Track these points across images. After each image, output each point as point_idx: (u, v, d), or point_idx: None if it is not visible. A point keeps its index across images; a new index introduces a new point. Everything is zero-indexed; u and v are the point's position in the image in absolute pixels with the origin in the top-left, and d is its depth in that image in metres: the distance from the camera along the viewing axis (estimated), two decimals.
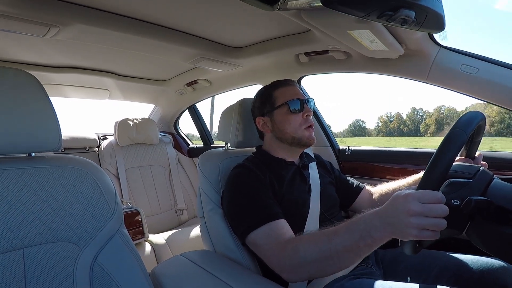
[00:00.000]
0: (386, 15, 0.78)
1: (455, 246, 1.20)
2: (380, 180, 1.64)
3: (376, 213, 0.70)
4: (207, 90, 2.32)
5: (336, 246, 0.73)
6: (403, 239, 0.65)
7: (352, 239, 0.71)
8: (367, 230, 0.69)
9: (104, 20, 1.18)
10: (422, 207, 0.61)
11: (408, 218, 0.61)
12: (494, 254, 0.72)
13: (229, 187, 1.05)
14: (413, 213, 0.61)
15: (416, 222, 0.60)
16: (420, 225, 0.60)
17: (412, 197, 0.62)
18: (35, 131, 0.71)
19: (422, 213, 0.60)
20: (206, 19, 1.27)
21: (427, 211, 0.60)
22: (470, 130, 0.72)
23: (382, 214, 0.68)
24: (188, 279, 0.91)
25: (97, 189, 0.78)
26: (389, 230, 0.65)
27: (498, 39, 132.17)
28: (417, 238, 0.61)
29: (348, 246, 0.72)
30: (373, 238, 0.68)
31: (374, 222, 0.68)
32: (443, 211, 0.60)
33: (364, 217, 0.72)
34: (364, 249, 0.71)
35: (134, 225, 1.71)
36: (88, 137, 2.38)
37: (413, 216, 0.61)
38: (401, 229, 0.63)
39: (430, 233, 0.61)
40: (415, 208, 0.61)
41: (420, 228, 0.60)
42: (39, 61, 1.75)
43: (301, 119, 1.10)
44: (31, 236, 0.67)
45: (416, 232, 0.61)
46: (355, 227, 0.72)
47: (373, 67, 1.43)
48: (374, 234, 0.67)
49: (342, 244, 0.72)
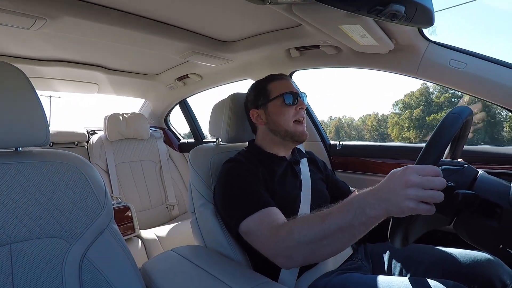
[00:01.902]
0: (376, 9, 0.79)
1: (443, 240, 1.23)
2: (371, 175, 1.66)
3: (370, 190, 0.69)
4: (198, 85, 2.31)
5: (330, 226, 0.72)
6: (399, 214, 0.64)
7: (346, 218, 0.70)
8: (361, 208, 0.68)
9: (92, 13, 1.16)
10: (421, 178, 0.61)
11: (405, 189, 0.61)
12: (481, 247, 0.74)
13: (221, 181, 1.05)
14: (411, 183, 0.61)
15: (414, 193, 0.60)
16: (418, 196, 0.60)
17: (411, 169, 0.63)
18: (21, 125, 0.70)
19: (420, 184, 0.60)
20: (197, 13, 1.25)
21: (425, 182, 0.60)
22: (464, 118, 0.74)
23: (377, 191, 0.67)
24: (179, 274, 0.91)
25: (86, 184, 0.77)
26: (383, 206, 0.65)
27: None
28: (413, 211, 0.61)
29: (342, 225, 0.70)
30: (367, 216, 0.67)
31: (368, 200, 0.68)
32: (441, 182, 0.60)
33: (358, 196, 0.71)
34: (359, 229, 0.69)
35: (125, 220, 1.70)
36: (77, 132, 2.35)
37: (411, 188, 0.61)
38: (398, 203, 0.62)
39: (427, 206, 0.61)
40: (414, 179, 0.61)
41: (418, 200, 0.60)
42: (26, 54, 1.71)
43: (294, 112, 1.11)
44: (18, 232, 0.66)
45: (413, 204, 0.60)
46: (349, 206, 0.71)
47: (364, 62, 1.44)
48: (369, 212, 0.67)
49: (336, 224, 0.71)
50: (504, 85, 1.13)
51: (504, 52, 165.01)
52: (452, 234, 1.28)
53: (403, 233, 0.69)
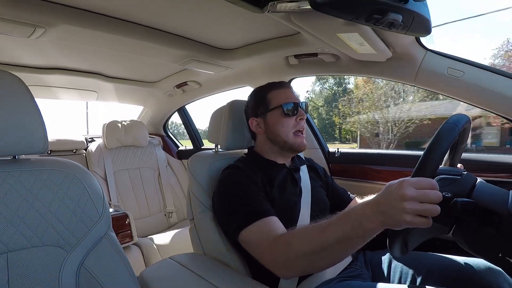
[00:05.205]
0: (374, 18, 0.79)
1: (442, 248, 1.23)
2: (370, 182, 1.65)
3: (367, 203, 0.69)
4: (196, 92, 2.31)
5: (328, 239, 0.72)
6: (396, 227, 0.64)
7: (344, 231, 0.70)
8: (358, 221, 0.68)
9: (91, 21, 1.17)
10: (416, 192, 0.60)
11: (402, 203, 0.60)
12: (480, 256, 0.74)
13: (220, 188, 1.04)
14: (407, 197, 0.60)
15: (410, 207, 0.60)
16: (414, 210, 0.60)
17: (407, 182, 0.62)
18: (20, 133, 0.70)
19: (416, 198, 0.60)
20: (196, 21, 1.26)
21: (421, 196, 0.60)
22: (460, 127, 0.74)
23: (374, 204, 0.67)
24: (177, 283, 0.90)
25: (84, 192, 0.77)
26: (381, 219, 0.64)
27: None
28: (410, 224, 0.61)
29: (340, 238, 0.71)
30: (364, 229, 0.67)
31: (365, 212, 0.67)
32: (437, 196, 0.60)
33: (356, 208, 0.71)
34: (356, 241, 0.70)
35: (123, 228, 1.69)
36: (75, 140, 2.34)
37: (407, 201, 0.60)
38: (394, 216, 0.62)
39: (423, 219, 0.60)
40: (410, 192, 0.60)
41: (414, 214, 0.60)
42: (25, 62, 1.71)
43: (293, 122, 1.10)
44: (16, 240, 0.66)
45: (409, 218, 0.60)
46: (347, 218, 0.71)
47: (362, 69, 1.45)
48: (366, 225, 0.67)
49: (334, 236, 0.71)
50: (500, 94, 1.14)
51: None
52: (451, 241, 1.27)
53: (402, 242, 0.69)
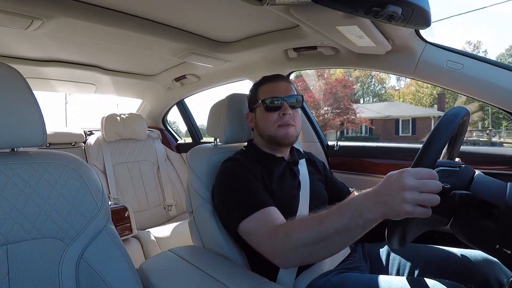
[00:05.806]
0: (373, 10, 0.79)
1: (439, 240, 1.23)
2: (369, 176, 1.66)
3: (367, 193, 0.69)
4: (195, 85, 2.30)
5: (328, 229, 0.72)
6: (395, 217, 0.64)
7: (343, 221, 0.70)
8: (358, 211, 0.68)
9: (89, 14, 1.16)
10: (417, 182, 0.61)
11: (402, 193, 0.61)
12: (478, 248, 0.74)
13: (220, 180, 1.05)
14: (408, 187, 0.60)
15: (410, 196, 0.60)
16: (414, 199, 0.60)
17: (407, 172, 0.63)
18: (18, 125, 0.69)
19: (416, 188, 0.60)
20: (195, 13, 1.25)
21: (421, 186, 0.60)
22: (460, 119, 0.74)
23: (374, 194, 0.67)
24: (176, 275, 0.91)
25: (83, 185, 0.77)
26: (380, 209, 0.65)
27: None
28: (410, 214, 0.61)
29: (339, 228, 0.71)
30: (364, 219, 0.67)
31: (365, 203, 0.68)
32: (437, 186, 0.61)
33: (355, 198, 0.71)
34: (355, 231, 0.70)
35: (122, 221, 1.69)
36: (74, 132, 2.34)
37: (408, 191, 0.60)
38: (394, 206, 0.62)
39: (423, 209, 0.61)
40: (410, 182, 0.61)
41: (414, 204, 0.60)
42: (23, 54, 1.70)
43: (276, 117, 1.09)
44: (15, 233, 0.66)
45: (409, 207, 0.60)
46: (346, 208, 0.71)
47: (361, 62, 1.45)
48: (365, 215, 0.67)
49: (333, 227, 0.72)
50: (500, 86, 1.13)
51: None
52: (449, 233, 1.28)
53: (400, 234, 0.69)
